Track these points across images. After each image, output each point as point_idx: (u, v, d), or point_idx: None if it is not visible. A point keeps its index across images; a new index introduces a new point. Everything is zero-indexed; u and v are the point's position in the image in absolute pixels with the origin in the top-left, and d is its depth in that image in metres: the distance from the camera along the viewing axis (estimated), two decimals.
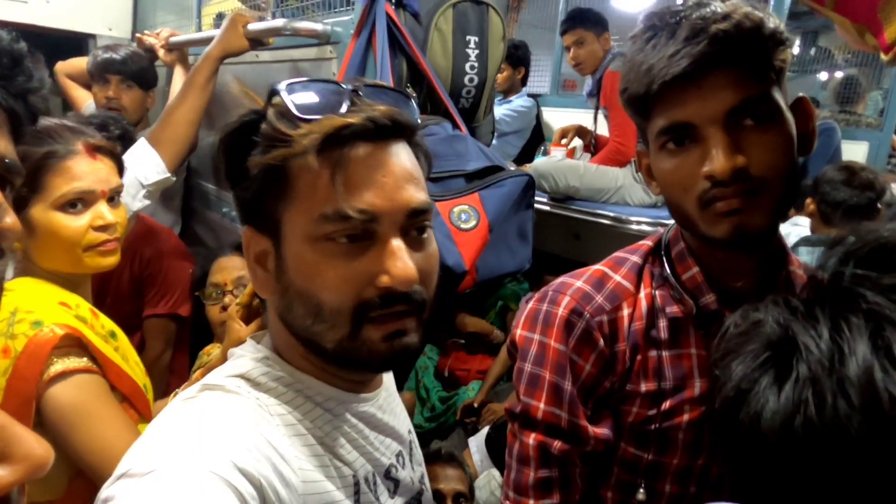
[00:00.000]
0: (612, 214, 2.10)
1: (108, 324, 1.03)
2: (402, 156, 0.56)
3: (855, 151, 3.09)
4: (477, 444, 2.16)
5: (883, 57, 0.51)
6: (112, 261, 1.05)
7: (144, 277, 1.77)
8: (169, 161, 1.52)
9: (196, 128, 1.55)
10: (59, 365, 0.88)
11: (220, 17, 1.98)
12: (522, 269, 1.37)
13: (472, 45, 1.40)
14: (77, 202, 0.99)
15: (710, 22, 0.61)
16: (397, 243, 0.53)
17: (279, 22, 1.39)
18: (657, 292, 0.76)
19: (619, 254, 0.82)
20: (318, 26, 1.41)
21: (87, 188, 1.00)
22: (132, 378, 1.00)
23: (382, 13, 1.25)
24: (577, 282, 0.78)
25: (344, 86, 0.57)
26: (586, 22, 2.41)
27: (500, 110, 3.04)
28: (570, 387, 0.74)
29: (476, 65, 1.42)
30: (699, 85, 0.63)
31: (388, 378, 0.72)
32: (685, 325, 0.75)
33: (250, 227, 0.59)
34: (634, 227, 2.05)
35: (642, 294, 0.76)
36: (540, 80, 3.55)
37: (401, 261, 0.53)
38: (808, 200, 2.10)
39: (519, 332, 0.79)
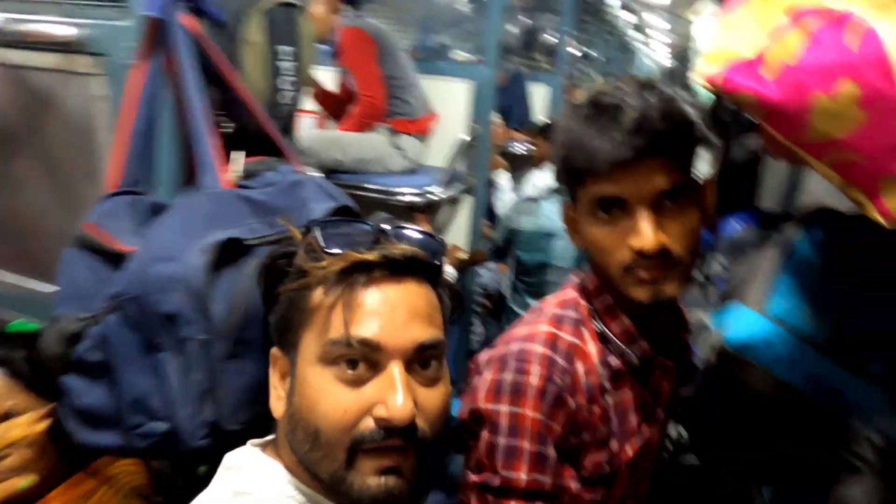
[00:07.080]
0: (379, 187, 2.15)
1: None
2: (416, 293, 0.61)
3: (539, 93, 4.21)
4: None
5: (883, 222, 0.56)
6: None
7: None
8: None
9: None
10: None
11: None
12: None
13: (288, 56, 1.15)
14: None
15: (650, 119, 0.70)
16: (398, 375, 0.56)
17: None
18: (598, 346, 0.81)
19: (554, 310, 0.83)
20: (59, 29, 0.98)
21: None
22: None
23: (182, 30, 0.93)
24: (536, 347, 0.78)
25: (374, 225, 0.62)
26: None
27: None
28: (552, 452, 0.75)
29: (294, 78, 1.19)
30: (636, 167, 0.70)
31: None
32: (625, 374, 0.82)
33: (278, 346, 0.65)
34: (405, 198, 2.14)
35: (589, 348, 0.81)
36: None
37: (399, 393, 0.55)
38: None
39: (483, 405, 0.76)
